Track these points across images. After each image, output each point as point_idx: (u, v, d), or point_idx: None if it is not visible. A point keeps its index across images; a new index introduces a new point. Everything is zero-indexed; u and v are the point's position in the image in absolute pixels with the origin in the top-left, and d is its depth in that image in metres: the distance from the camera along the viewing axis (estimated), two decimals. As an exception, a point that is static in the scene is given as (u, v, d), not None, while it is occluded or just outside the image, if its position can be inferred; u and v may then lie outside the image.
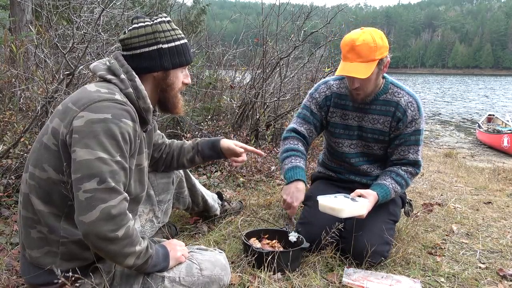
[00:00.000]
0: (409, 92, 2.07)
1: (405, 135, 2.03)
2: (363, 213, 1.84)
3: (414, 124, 2.02)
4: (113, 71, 1.41)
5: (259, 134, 4.32)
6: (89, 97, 1.31)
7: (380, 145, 2.12)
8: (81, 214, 1.20)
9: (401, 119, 2.02)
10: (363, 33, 1.86)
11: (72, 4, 3.41)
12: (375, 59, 1.84)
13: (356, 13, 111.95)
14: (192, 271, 1.46)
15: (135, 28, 1.44)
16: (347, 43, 1.87)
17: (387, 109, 2.05)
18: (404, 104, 2.02)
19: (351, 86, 1.96)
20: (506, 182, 4.23)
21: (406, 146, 2.04)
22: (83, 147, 1.23)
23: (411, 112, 2.01)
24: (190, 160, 1.95)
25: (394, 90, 2.05)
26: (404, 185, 2.06)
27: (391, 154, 2.11)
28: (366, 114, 2.08)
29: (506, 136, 7.49)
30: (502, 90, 30.92)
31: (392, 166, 2.10)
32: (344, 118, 2.14)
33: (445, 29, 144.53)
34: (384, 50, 1.87)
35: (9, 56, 3.63)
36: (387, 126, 2.06)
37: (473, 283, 1.84)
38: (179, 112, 1.62)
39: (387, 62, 1.93)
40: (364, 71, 1.83)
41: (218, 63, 5.10)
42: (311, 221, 2.04)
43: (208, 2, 9.49)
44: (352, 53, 1.84)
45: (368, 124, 2.09)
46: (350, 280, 1.75)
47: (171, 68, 1.48)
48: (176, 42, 1.48)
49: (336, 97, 2.14)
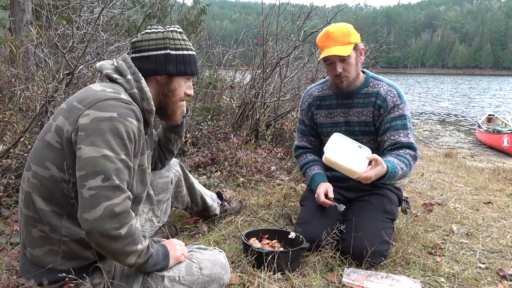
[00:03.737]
0: (388, 82, 2.15)
1: (390, 119, 2.07)
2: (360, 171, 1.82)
3: (397, 109, 2.07)
4: (120, 72, 1.44)
5: (259, 134, 4.32)
6: (95, 95, 1.32)
7: (369, 137, 2.17)
8: (85, 211, 1.21)
9: (382, 105, 2.09)
10: (335, 25, 2.05)
11: (72, 4, 3.40)
12: (351, 42, 1.98)
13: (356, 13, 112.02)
14: (192, 270, 1.47)
15: (148, 33, 1.51)
16: (322, 35, 2.05)
17: (369, 100, 2.13)
18: (383, 92, 2.10)
19: (335, 73, 2.03)
20: (506, 182, 4.23)
21: (395, 131, 2.06)
22: (89, 144, 1.24)
23: (391, 98, 2.08)
24: (165, 140, 1.90)
25: (375, 83, 2.15)
26: (408, 164, 1.98)
27: (383, 142, 2.10)
28: (350, 108, 2.17)
29: (506, 136, 7.48)
30: (503, 90, 30.91)
31: (389, 152, 2.06)
32: (330, 116, 2.24)
33: (445, 29, 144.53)
34: (356, 36, 2.02)
35: (9, 56, 3.64)
36: (370, 116, 2.13)
37: (473, 283, 1.84)
38: (177, 120, 1.65)
39: (361, 49, 2.07)
40: (343, 50, 1.96)
41: (218, 63, 5.11)
42: (309, 221, 2.06)
43: (208, 2, 9.47)
44: (329, 40, 2.00)
45: (354, 118, 2.17)
46: (350, 280, 1.75)
47: (175, 74, 1.52)
48: (185, 51, 1.53)
49: (318, 100, 2.27)
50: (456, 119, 13.84)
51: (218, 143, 3.71)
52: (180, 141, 1.95)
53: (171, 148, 1.93)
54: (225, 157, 3.49)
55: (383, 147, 2.11)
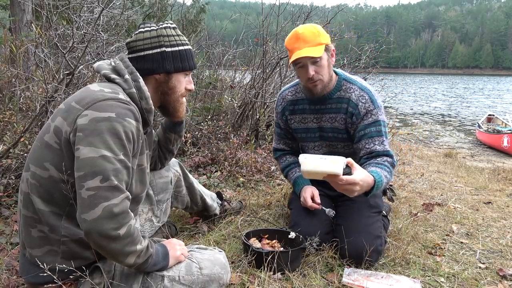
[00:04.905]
0: (361, 86, 2.04)
1: (363, 127, 1.98)
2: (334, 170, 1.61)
3: (371, 115, 1.97)
4: (118, 71, 1.44)
5: (259, 134, 4.32)
6: (93, 96, 1.32)
7: (343, 144, 2.13)
8: (84, 212, 1.21)
9: (354, 113, 2.00)
10: (303, 26, 1.96)
11: (72, 4, 3.40)
12: (322, 43, 1.90)
13: (356, 13, 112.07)
14: (191, 270, 1.46)
15: (141, 32, 1.49)
16: (291, 37, 1.94)
17: (341, 106, 2.04)
18: (355, 98, 2.00)
19: (307, 76, 1.92)
20: (506, 182, 4.23)
21: (370, 138, 1.96)
22: (87, 145, 1.23)
23: (363, 104, 1.98)
24: (164, 140, 1.90)
25: (347, 86, 2.05)
26: (389, 172, 1.88)
27: (359, 150, 2.01)
28: (323, 114, 2.11)
29: (506, 136, 7.48)
30: (503, 90, 30.90)
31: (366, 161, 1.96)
32: (303, 122, 2.19)
33: (445, 29, 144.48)
34: (327, 37, 1.94)
35: (9, 56, 3.64)
36: (342, 123, 2.06)
37: (473, 283, 1.84)
38: (180, 117, 1.65)
39: (332, 50, 1.98)
40: (315, 51, 1.87)
41: (218, 63, 5.11)
42: (299, 224, 2.06)
43: (207, 1, 9.46)
44: (299, 41, 1.89)
45: (327, 124, 2.11)
46: (350, 280, 1.75)
47: (173, 71, 1.51)
48: (180, 47, 1.52)
49: (291, 104, 2.21)
50: (449, 119, 13.81)
51: (218, 143, 3.72)
52: (180, 141, 1.95)
53: (171, 148, 1.92)
54: (225, 157, 3.49)
55: (359, 155, 2.02)
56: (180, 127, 1.89)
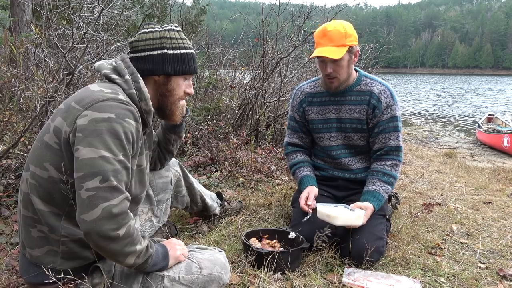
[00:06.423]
0: (381, 82, 2.18)
1: (383, 122, 2.12)
2: (357, 223, 1.90)
3: (390, 110, 2.12)
4: (119, 72, 1.44)
5: (259, 134, 4.32)
6: (93, 96, 1.32)
7: (360, 135, 2.20)
8: (83, 212, 1.21)
9: (376, 106, 2.12)
10: (334, 22, 2.03)
11: (72, 4, 3.41)
12: (346, 45, 1.98)
13: (356, 13, 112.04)
14: (191, 270, 1.46)
15: (144, 32, 1.49)
16: (320, 31, 2.04)
17: (362, 98, 2.15)
18: (377, 92, 2.13)
19: (325, 72, 2.05)
20: (506, 182, 4.23)
21: (386, 134, 2.13)
22: (87, 145, 1.23)
23: (385, 99, 2.11)
24: (164, 140, 1.90)
25: (367, 81, 2.17)
26: (392, 182, 2.12)
27: (373, 144, 2.18)
28: (343, 105, 2.19)
29: (506, 136, 7.48)
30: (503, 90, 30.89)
31: (376, 162, 2.16)
32: (321, 113, 2.25)
33: (445, 29, 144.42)
34: (354, 39, 2.02)
35: (9, 56, 3.63)
36: (363, 114, 2.15)
37: (473, 283, 1.84)
38: (176, 120, 1.64)
39: (356, 51, 2.07)
40: (335, 53, 1.96)
41: (218, 63, 5.11)
42: (300, 223, 2.06)
43: (208, 2, 9.46)
44: (324, 38, 1.99)
45: (346, 115, 2.19)
46: (350, 280, 1.75)
47: (173, 74, 1.51)
48: (182, 50, 1.52)
49: (310, 97, 2.28)
50: (456, 119, 13.81)
51: (218, 143, 3.71)
52: (179, 141, 1.95)
53: (171, 149, 1.92)
54: (225, 157, 3.49)
55: (372, 148, 2.19)
56: (180, 128, 1.89)
